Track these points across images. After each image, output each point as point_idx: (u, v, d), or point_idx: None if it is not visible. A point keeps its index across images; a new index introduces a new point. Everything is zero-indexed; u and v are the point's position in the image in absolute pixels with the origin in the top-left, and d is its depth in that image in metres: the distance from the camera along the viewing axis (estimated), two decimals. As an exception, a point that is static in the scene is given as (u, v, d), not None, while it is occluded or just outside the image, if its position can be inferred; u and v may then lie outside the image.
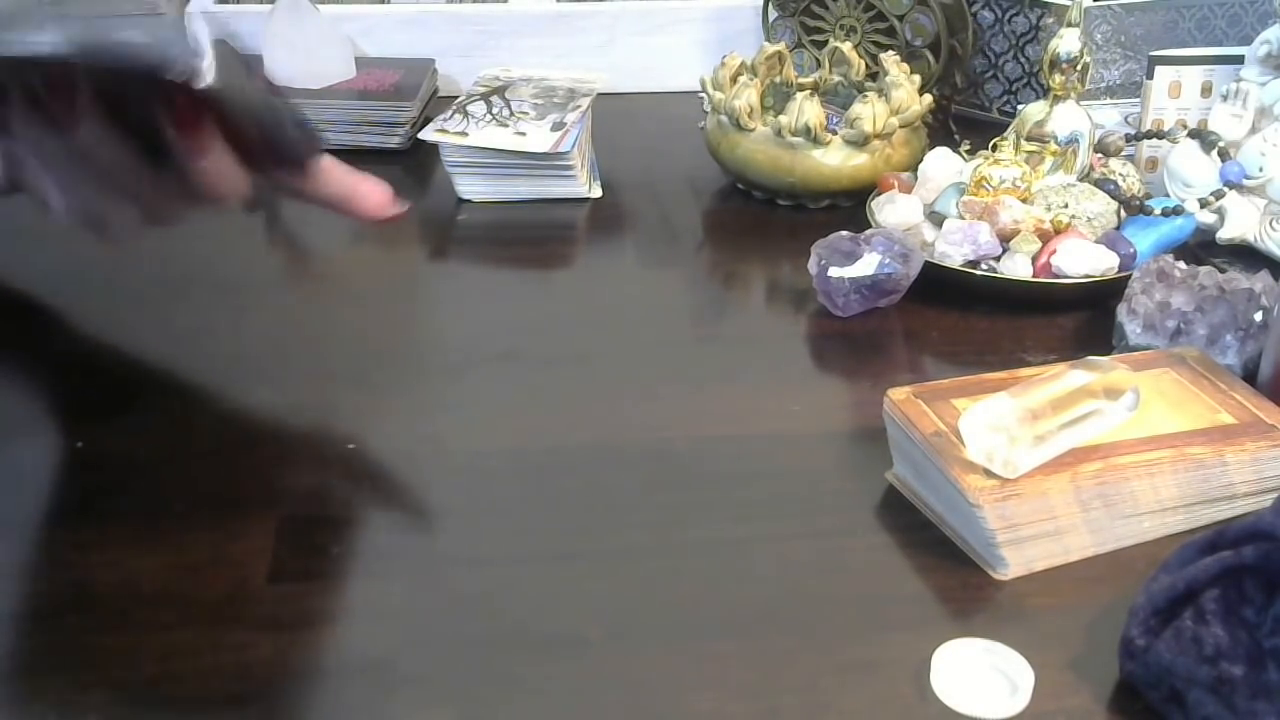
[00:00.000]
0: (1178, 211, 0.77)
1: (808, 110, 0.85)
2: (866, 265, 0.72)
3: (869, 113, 0.85)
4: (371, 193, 0.61)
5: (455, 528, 0.57)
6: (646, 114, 1.05)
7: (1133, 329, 0.68)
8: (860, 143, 0.85)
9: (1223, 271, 0.70)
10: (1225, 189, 0.78)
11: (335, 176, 0.61)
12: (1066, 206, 0.76)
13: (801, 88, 0.92)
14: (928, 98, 0.89)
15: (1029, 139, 0.81)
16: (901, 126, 0.86)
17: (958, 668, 0.48)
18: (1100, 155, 0.82)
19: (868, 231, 0.74)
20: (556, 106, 0.91)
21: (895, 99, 0.87)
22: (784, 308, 0.77)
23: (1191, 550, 0.48)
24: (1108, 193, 0.78)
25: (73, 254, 0.73)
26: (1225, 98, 0.82)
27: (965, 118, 1.02)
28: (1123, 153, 0.84)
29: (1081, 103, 0.82)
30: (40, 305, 0.72)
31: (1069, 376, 0.56)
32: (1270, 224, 0.77)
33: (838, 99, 0.93)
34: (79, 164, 0.56)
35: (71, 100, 0.54)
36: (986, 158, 0.78)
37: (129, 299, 0.74)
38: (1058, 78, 0.81)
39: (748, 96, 0.87)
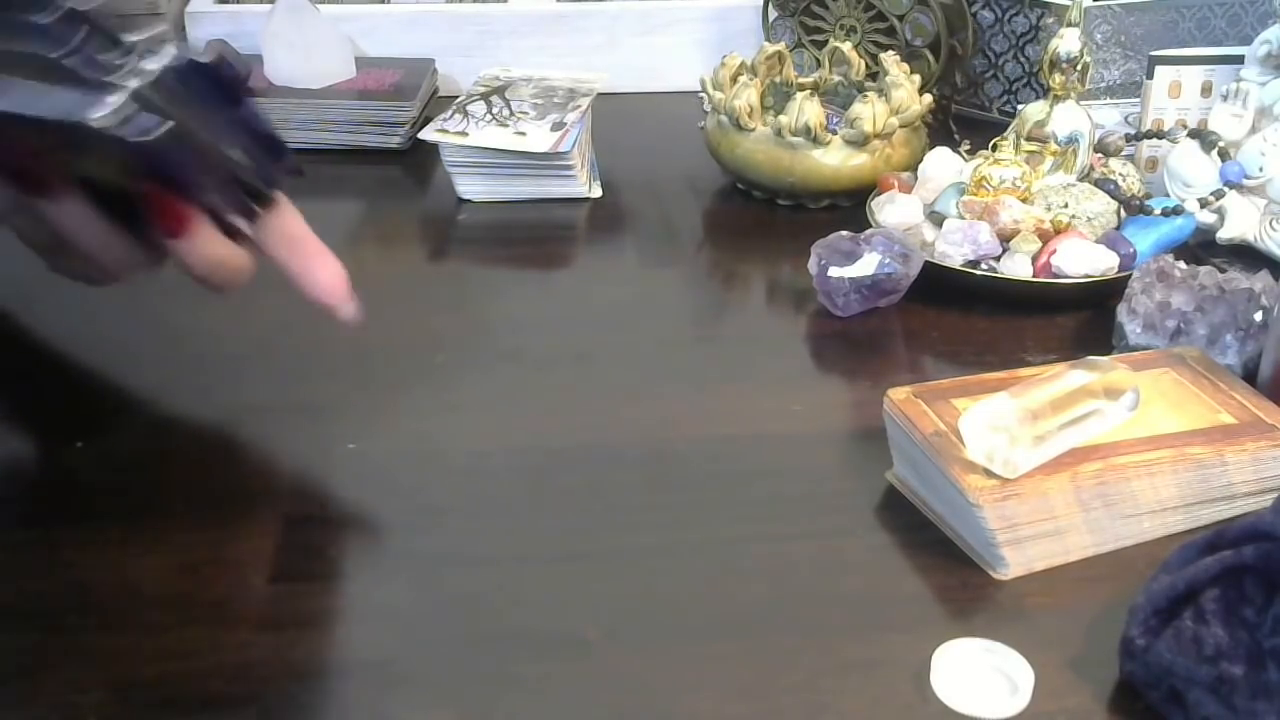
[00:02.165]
0: (1178, 211, 0.77)
1: (808, 110, 0.85)
2: (866, 265, 0.72)
3: (869, 113, 0.85)
4: (323, 273, 0.56)
5: (455, 528, 0.57)
6: (646, 114, 1.05)
7: (1133, 329, 0.68)
8: (860, 143, 0.85)
9: (1223, 271, 0.70)
10: (1225, 189, 0.78)
11: (289, 239, 0.55)
12: (1066, 206, 0.76)
13: (801, 88, 0.92)
14: (928, 98, 0.89)
15: (1029, 139, 0.81)
16: (901, 126, 0.86)
17: (958, 668, 0.48)
18: (1100, 155, 0.82)
19: (868, 231, 0.74)
20: (556, 106, 0.91)
21: (895, 99, 0.87)
22: (784, 308, 0.77)
23: (1191, 550, 0.48)
24: (1108, 193, 0.78)
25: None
26: (1225, 98, 0.82)
27: (965, 118, 1.01)
28: (1123, 153, 0.84)
29: (1081, 103, 0.82)
30: (40, 305, 0.72)
31: (1069, 376, 0.56)
32: (1270, 224, 0.77)
33: (838, 99, 0.93)
34: (63, 245, 0.56)
35: (47, 181, 0.52)
36: (986, 158, 0.78)
37: (128, 298, 0.74)
38: (1058, 78, 0.81)
39: (748, 96, 0.87)
